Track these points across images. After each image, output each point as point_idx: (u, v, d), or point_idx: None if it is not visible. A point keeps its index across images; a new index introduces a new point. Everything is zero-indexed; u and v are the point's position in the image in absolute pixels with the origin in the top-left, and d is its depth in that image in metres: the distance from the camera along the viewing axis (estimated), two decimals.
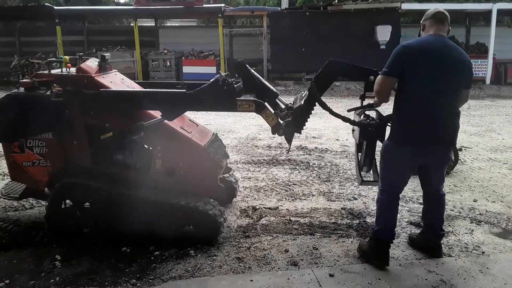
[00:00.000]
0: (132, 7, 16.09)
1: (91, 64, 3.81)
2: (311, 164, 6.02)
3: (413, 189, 4.97)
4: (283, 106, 3.91)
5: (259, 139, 7.48)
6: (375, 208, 3.52)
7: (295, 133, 3.69)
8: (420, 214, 4.22)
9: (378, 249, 3.33)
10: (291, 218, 4.21)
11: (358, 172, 3.82)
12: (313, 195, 4.83)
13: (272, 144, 7.14)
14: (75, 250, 3.57)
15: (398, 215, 4.21)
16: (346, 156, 6.44)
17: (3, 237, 3.78)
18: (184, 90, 3.60)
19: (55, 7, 15.73)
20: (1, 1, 24.64)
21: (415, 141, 3.16)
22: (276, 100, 3.93)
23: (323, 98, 3.55)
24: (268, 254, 3.50)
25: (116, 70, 4.18)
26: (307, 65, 14.78)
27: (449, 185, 5.09)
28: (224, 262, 3.37)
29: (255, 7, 18.14)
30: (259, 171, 5.73)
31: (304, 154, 6.56)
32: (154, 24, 17.97)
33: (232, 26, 17.82)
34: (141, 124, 3.56)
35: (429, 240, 3.51)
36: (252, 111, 3.54)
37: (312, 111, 3.63)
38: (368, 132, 3.56)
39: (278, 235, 3.85)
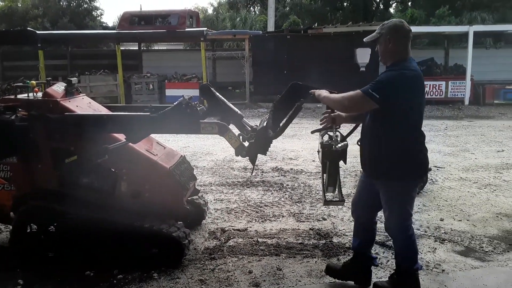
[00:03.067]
0: (115, 31, 16.25)
1: (57, 88, 3.86)
2: (284, 185, 6.07)
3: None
4: (249, 128, 3.98)
5: (236, 161, 7.52)
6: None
7: (263, 155, 3.76)
8: (386, 234, 4.31)
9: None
10: (259, 239, 4.23)
11: (323, 192, 3.88)
12: (283, 216, 4.88)
13: (249, 166, 7.18)
14: (39, 274, 3.55)
15: None
16: (320, 177, 6.49)
17: None
18: (148, 113, 3.65)
19: (38, 32, 15.82)
20: None
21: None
22: (242, 122, 4.00)
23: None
24: (231, 275, 3.52)
25: (84, 95, 4.23)
26: None
27: (418, 205, 5.16)
28: (186, 285, 3.38)
29: (237, 31, 18.41)
30: (232, 193, 5.76)
31: (279, 176, 6.61)
32: (137, 48, 18.12)
33: (216, 50, 18.06)
34: (105, 147, 3.59)
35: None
36: (216, 133, 3.61)
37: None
38: (330, 152, 3.63)
39: (244, 256, 3.87)
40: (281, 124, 3.63)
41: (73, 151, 3.66)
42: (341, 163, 3.65)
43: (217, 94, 3.98)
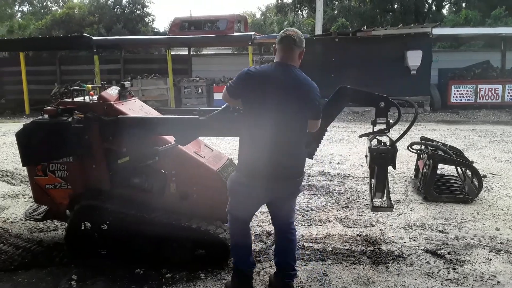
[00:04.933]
0: (166, 36, 16.70)
1: (111, 92, 4.01)
2: (331, 190, 6.00)
3: (433, 217, 4.87)
4: None
5: None
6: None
7: (310, 159, 3.74)
8: (438, 242, 4.17)
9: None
10: (305, 243, 4.20)
11: (371, 198, 3.80)
12: (329, 221, 4.81)
13: None
14: (91, 270, 3.69)
15: (415, 243, 4.18)
16: (368, 182, 6.36)
17: (26, 257, 3.96)
18: (197, 116, 3.72)
19: (94, 38, 16.53)
20: (47, 32, 26.15)
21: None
22: None
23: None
24: None
25: (136, 98, 4.38)
26: None
27: (472, 213, 4.96)
28: None
29: None
30: None
31: (325, 180, 6.54)
32: (187, 53, 18.53)
33: (263, 54, 18.15)
34: (156, 149, 3.70)
35: (279, 282, 3.30)
36: None
37: (323, 136, 3.67)
38: (378, 157, 3.56)
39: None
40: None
41: (125, 153, 3.79)
42: (390, 168, 3.57)
43: None
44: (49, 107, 3.90)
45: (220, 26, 15.79)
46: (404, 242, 4.21)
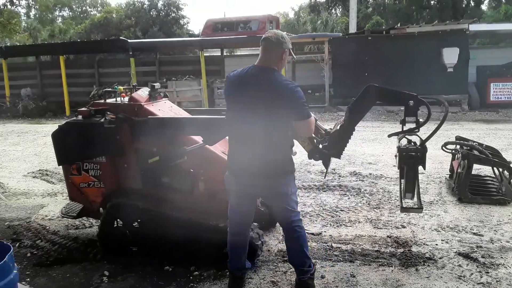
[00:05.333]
0: (199, 38, 16.93)
1: (142, 93, 4.11)
2: (362, 190, 5.92)
3: (468, 219, 4.73)
4: (323, 132, 3.94)
5: (313, 164, 7.46)
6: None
7: (337, 159, 3.73)
8: (472, 245, 4.05)
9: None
10: (333, 244, 4.17)
11: (400, 198, 3.73)
12: (359, 222, 4.76)
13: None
14: (122, 267, 3.80)
15: (447, 245, 4.07)
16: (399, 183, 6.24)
17: (61, 253, 4.13)
18: (223, 117, 3.75)
19: (129, 41, 16.94)
20: (86, 35, 27.02)
21: None
22: (316, 125, 3.96)
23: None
24: None
25: (167, 99, 4.46)
26: None
27: (509, 215, 4.78)
28: (258, 285, 3.43)
29: (316, 34, 18.33)
30: (308, 196, 5.74)
31: (356, 180, 6.46)
32: (220, 54, 18.71)
33: (295, 53, 18.09)
34: (184, 149, 3.76)
35: (297, 279, 3.33)
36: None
37: (351, 136, 3.63)
38: (408, 157, 3.50)
39: (317, 261, 3.83)
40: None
41: (155, 152, 3.88)
42: (421, 168, 3.49)
43: None
44: (82, 109, 4.03)
45: (252, 27, 15.89)
46: (436, 244, 4.11)
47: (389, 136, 3.76)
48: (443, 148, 6.02)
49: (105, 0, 46.73)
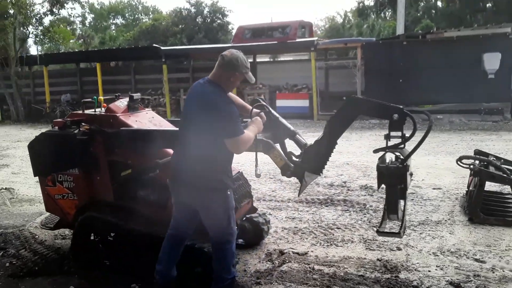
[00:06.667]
0: (230, 44, 16.91)
1: (120, 104, 4.02)
2: (367, 206, 5.56)
3: (474, 242, 4.30)
4: (301, 145, 3.69)
5: (324, 177, 7.15)
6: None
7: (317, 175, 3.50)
8: (469, 273, 3.66)
9: None
10: (315, 266, 3.90)
11: (382, 220, 3.42)
12: (352, 242, 4.44)
13: (336, 183, 6.78)
14: (89, 281, 3.70)
15: (441, 272, 3.71)
16: (413, 199, 5.83)
17: (38, 264, 4.09)
18: None
19: (162, 48, 17.18)
20: (134, 42, 27.81)
21: None
22: (295, 138, 3.71)
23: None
24: None
25: (149, 109, 4.36)
26: (404, 98, 13.92)
27: None
28: None
29: (349, 39, 17.82)
30: (307, 211, 5.45)
31: (365, 195, 6.09)
32: (252, 60, 18.62)
33: (328, 59, 17.71)
34: (156, 162, 3.63)
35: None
36: (260, 151, 3.40)
37: (332, 150, 3.39)
38: (388, 175, 3.22)
39: (292, 284, 3.58)
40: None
41: (129, 165, 3.77)
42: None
43: (271, 109, 3.77)
44: (58, 119, 3.99)
45: (283, 33, 15.66)
46: (429, 271, 3.74)
47: (375, 152, 3.46)
48: (458, 162, 5.55)
49: (157, 7, 48.12)
